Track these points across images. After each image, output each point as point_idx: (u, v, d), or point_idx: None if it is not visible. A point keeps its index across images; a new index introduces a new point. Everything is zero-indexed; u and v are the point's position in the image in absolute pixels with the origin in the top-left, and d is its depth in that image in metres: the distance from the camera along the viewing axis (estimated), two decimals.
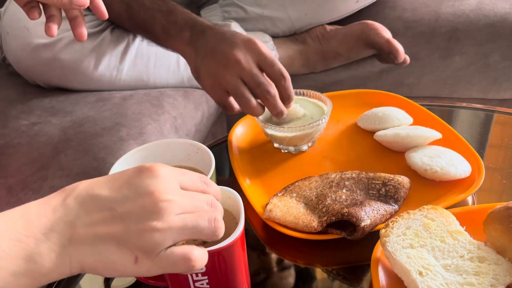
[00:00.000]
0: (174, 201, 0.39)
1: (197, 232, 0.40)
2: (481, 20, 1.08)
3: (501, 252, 0.49)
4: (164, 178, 0.40)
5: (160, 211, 0.38)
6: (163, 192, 0.39)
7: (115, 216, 0.38)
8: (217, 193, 0.45)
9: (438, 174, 0.64)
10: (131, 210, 0.38)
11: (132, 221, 0.38)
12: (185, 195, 0.41)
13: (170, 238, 0.38)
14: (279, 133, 0.73)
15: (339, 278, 0.58)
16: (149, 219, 0.38)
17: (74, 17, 0.65)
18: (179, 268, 0.39)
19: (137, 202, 0.38)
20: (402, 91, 1.17)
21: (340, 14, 1.12)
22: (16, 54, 0.94)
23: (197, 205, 0.41)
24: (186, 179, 0.43)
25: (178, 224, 0.39)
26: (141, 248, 0.38)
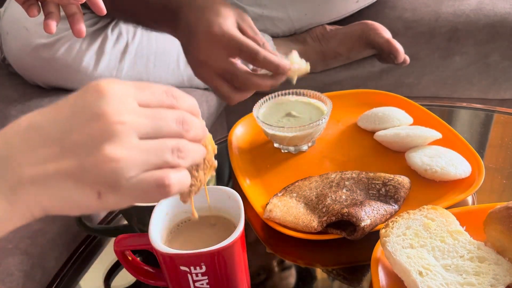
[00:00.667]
0: (129, 123, 0.33)
1: (162, 161, 0.34)
2: (481, 20, 1.08)
3: (501, 252, 0.49)
4: (114, 96, 0.33)
5: (113, 136, 0.32)
6: (114, 114, 0.32)
7: (64, 150, 0.33)
8: (192, 107, 0.38)
9: (438, 174, 0.64)
10: (80, 140, 0.32)
11: (85, 153, 0.32)
12: (145, 114, 0.34)
13: (133, 167, 0.33)
14: (279, 133, 0.73)
15: (339, 278, 0.58)
16: (103, 148, 0.32)
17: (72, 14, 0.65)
18: (153, 196, 0.34)
19: (85, 129, 0.32)
20: (402, 91, 1.17)
21: (340, 14, 1.12)
22: (16, 54, 0.94)
23: (162, 126, 0.34)
24: (146, 94, 0.35)
25: (139, 150, 0.33)
26: (102, 182, 0.33)
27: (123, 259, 0.52)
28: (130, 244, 0.51)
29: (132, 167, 0.33)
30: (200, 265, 0.46)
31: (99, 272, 0.61)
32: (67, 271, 0.61)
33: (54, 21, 0.63)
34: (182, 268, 0.46)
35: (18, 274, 0.61)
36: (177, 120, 0.35)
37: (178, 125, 0.35)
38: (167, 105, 0.36)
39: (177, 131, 0.35)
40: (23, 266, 0.62)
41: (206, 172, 0.40)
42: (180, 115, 0.35)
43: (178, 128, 0.35)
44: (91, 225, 0.62)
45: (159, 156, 0.34)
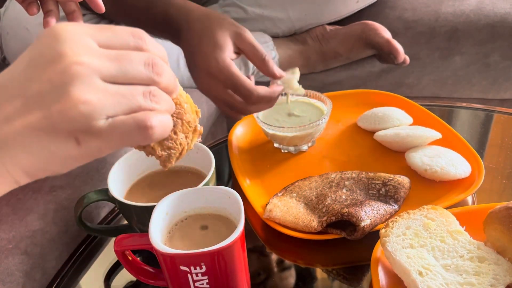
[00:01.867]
0: (89, 63, 0.30)
1: (136, 105, 0.32)
2: (481, 20, 1.08)
3: (501, 252, 0.49)
4: (70, 37, 0.31)
5: (74, 79, 0.30)
6: (72, 55, 0.30)
7: (27, 102, 0.30)
8: (161, 52, 0.34)
9: (438, 174, 0.64)
10: (42, 89, 0.30)
11: (48, 101, 0.30)
12: (107, 55, 0.31)
13: (104, 108, 0.31)
14: (279, 133, 0.73)
15: (339, 278, 0.58)
16: (66, 92, 0.30)
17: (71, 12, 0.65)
18: (135, 139, 0.32)
19: (45, 76, 0.30)
20: (402, 91, 1.17)
21: (340, 14, 1.12)
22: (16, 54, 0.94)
23: (128, 69, 0.32)
24: (107, 35, 0.32)
25: (107, 92, 0.31)
26: (74, 128, 0.30)
27: (123, 259, 0.52)
28: (130, 244, 0.51)
29: (103, 108, 0.30)
30: (200, 265, 0.46)
31: (99, 272, 0.61)
32: (67, 271, 0.61)
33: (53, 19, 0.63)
34: (182, 268, 0.46)
35: (18, 274, 0.61)
36: (146, 62, 0.32)
37: (147, 68, 0.32)
38: (133, 47, 0.33)
39: (147, 74, 0.32)
40: (23, 266, 0.62)
41: (188, 135, 0.38)
42: (149, 57, 0.32)
43: (147, 71, 0.32)
44: (91, 225, 0.62)
45: (131, 100, 0.31)
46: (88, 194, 0.59)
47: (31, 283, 0.62)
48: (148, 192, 0.62)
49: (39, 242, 0.65)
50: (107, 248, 0.65)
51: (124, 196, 0.61)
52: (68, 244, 0.67)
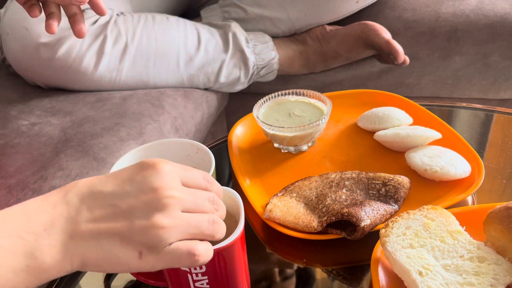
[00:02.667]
0: (177, 198, 0.39)
1: (199, 231, 0.40)
2: (481, 20, 1.08)
3: (501, 252, 0.49)
4: (167, 174, 0.40)
5: (164, 208, 0.38)
6: (166, 189, 0.39)
7: (118, 213, 0.38)
8: (219, 191, 0.45)
9: (438, 174, 0.64)
10: (134, 206, 0.38)
11: (136, 218, 0.38)
12: (188, 192, 0.41)
13: (174, 235, 0.38)
14: (279, 133, 0.73)
15: (339, 278, 0.58)
16: (153, 215, 0.38)
17: (73, 14, 0.65)
18: (184, 263, 0.39)
19: (140, 198, 0.38)
20: (402, 91, 1.17)
21: (340, 14, 1.12)
22: (16, 55, 0.94)
23: (199, 203, 0.41)
24: (189, 176, 0.42)
25: (182, 221, 0.39)
26: (145, 244, 0.38)
27: None
28: None
29: (173, 234, 0.38)
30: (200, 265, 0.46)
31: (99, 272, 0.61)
32: None
33: (55, 22, 0.63)
34: (182, 268, 0.46)
35: None
36: (209, 200, 0.42)
37: (210, 203, 0.42)
38: (203, 187, 0.43)
39: (210, 208, 0.42)
40: None
41: None
42: (211, 196, 0.43)
43: (210, 206, 0.42)
44: None
45: (198, 227, 0.40)
46: None
47: None
48: None
49: None
50: None
51: None
52: None
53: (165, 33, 0.98)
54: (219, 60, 1.02)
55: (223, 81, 1.05)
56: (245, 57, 1.04)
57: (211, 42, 1.02)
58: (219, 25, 1.06)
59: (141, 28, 0.97)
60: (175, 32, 0.99)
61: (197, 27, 1.03)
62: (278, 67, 1.09)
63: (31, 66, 0.94)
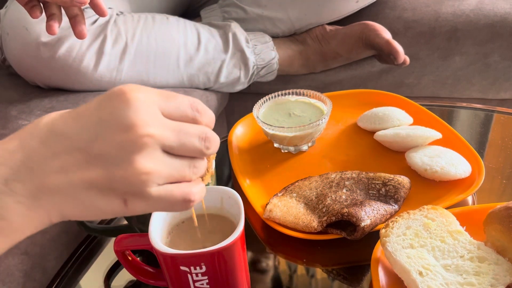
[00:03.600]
0: (157, 136, 0.33)
1: (187, 176, 0.35)
2: (481, 20, 1.08)
3: (501, 252, 0.49)
4: (141, 105, 0.33)
5: (142, 149, 0.32)
6: (143, 125, 0.32)
7: (89, 159, 0.32)
8: (210, 121, 0.38)
9: (438, 174, 0.64)
10: (107, 151, 0.32)
11: (112, 164, 0.32)
12: (171, 127, 0.34)
13: (160, 179, 0.34)
14: (279, 133, 0.73)
15: (339, 278, 0.58)
16: (132, 160, 0.32)
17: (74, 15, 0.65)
18: (177, 208, 0.36)
19: (112, 140, 0.32)
20: (402, 91, 1.17)
21: (340, 14, 1.12)
22: (16, 55, 0.94)
23: (186, 142, 0.35)
24: (171, 105, 0.35)
25: (166, 166, 0.34)
26: (129, 192, 0.33)
27: (123, 259, 0.52)
28: (130, 244, 0.51)
29: (159, 179, 0.33)
30: (200, 265, 0.46)
31: (99, 272, 0.61)
32: (67, 271, 0.61)
33: (56, 23, 0.64)
34: (182, 268, 0.46)
35: (18, 274, 0.61)
36: (200, 136, 0.36)
37: (200, 141, 0.36)
38: (191, 118, 0.36)
39: (199, 148, 0.36)
40: (23, 266, 0.62)
41: (205, 178, 0.40)
42: (203, 131, 0.36)
43: (200, 145, 0.36)
44: (91, 225, 0.62)
45: (181, 173, 0.35)
46: None
47: (31, 283, 0.62)
48: None
49: (39, 242, 0.65)
50: (107, 248, 0.65)
51: None
52: (68, 244, 0.67)
53: (165, 33, 0.98)
54: (219, 60, 1.02)
55: (223, 81, 1.05)
56: (245, 57, 1.04)
57: (211, 42, 1.02)
58: (219, 25, 1.06)
59: (141, 28, 0.97)
60: (175, 32, 0.99)
61: (197, 27, 1.03)
62: (278, 67, 1.09)
63: (31, 66, 0.94)
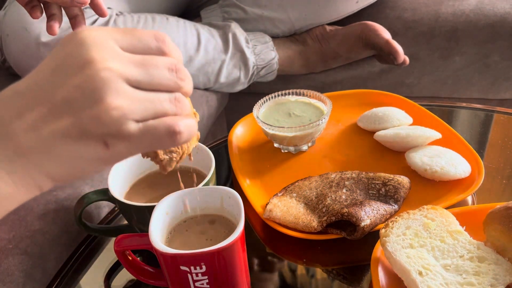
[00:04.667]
0: (117, 69, 0.30)
1: (162, 110, 0.32)
2: (481, 20, 1.08)
3: (501, 252, 0.49)
4: (95, 42, 0.30)
5: (104, 85, 0.30)
6: (100, 61, 0.30)
7: (55, 109, 0.30)
8: (180, 56, 0.35)
9: (438, 174, 0.64)
10: (70, 95, 0.30)
11: (78, 108, 0.30)
12: (133, 60, 0.32)
13: (133, 114, 0.31)
14: (279, 133, 0.73)
15: (339, 278, 0.58)
16: (96, 98, 0.30)
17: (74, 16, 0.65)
18: (165, 143, 0.33)
19: (73, 82, 0.30)
20: (402, 91, 1.17)
21: (340, 14, 1.12)
22: (16, 55, 0.94)
23: (154, 73, 0.32)
24: (131, 39, 0.32)
25: (136, 98, 0.31)
26: (104, 133, 0.31)
27: (123, 259, 0.52)
28: (130, 244, 0.51)
29: (133, 113, 0.31)
30: (200, 265, 0.46)
31: (99, 272, 0.61)
32: (67, 271, 0.61)
33: (57, 23, 0.64)
34: (182, 268, 0.46)
35: (18, 274, 0.61)
36: (170, 68, 0.32)
37: (171, 73, 0.32)
38: (156, 51, 0.33)
39: (172, 80, 0.33)
40: (23, 266, 0.62)
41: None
42: (172, 62, 0.33)
43: (172, 77, 0.32)
44: (91, 225, 0.62)
45: (157, 105, 0.32)
46: (88, 194, 0.59)
47: (31, 283, 0.62)
48: (148, 192, 0.62)
49: (39, 242, 0.65)
50: (107, 248, 0.65)
51: (124, 196, 0.61)
52: (68, 244, 0.67)
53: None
54: (219, 60, 1.02)
55: (223, 81, 1.05)
56: (245, 57, 1.04)
57: (211, 42, 1.02)
58: (219, 25, 1.06)
59: (141, 29, 0.97)
60: (175, 32, 0.99)
61: (197, 28, 1.03)
62: (278, 67, 1.09)
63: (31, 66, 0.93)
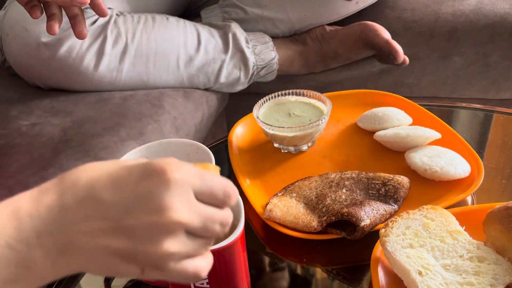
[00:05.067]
0: (185, 223, 0.35)
1: (202, 250, 0.38)
2: (481, 20, 1.08)
3: (500, 252, 0.49)
4: (177, 188, 0.35)
5: (169, 234, 0.35)
6: (174, 210, 0.34)
7: (119, 229, 0.34)
8: (235, 203, 0.41)
9: (437, 174, 0.64)
10: (138, 226, 0.34)
11: (138, 239, 0.34)
12: (199, 213, 0.36)
13: (179, 258, 0.36)
14: (279, 133, 0.73)
15: (339, 278, 0.58)
16: (158, 241, 0.34)
17: (74, 16, 0.65)
18: (189, 280, 0.39)
19: (145, 218, 0.34)
20: (402, 91, 1.17)
21: (340, 15, 1.12)
22: (16, 55, 0.94)
23: (209, 227, 0.37)
24: (205, 189, 0.37)
25: (188, 247, 0.36)
26: (148, 264, 0.35)
27: None
28: None
29: (178, 258, 0.36)
30: None
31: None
32: None
33: (56, 23, 0.64)
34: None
35: None
36: (222, 223, 0.38)
37: (221, 227, 0.38)
38: (220, 202, 0.38)
39: (218, 233, 0.38)
40: None
41: None
42: (225, 218, 0.38)
43: (219, 230, 0.38)
44: None
45: (197, 251, 0.37)
46: None
47: None
48: None
49: None
50: None
51: None
52: None
53: (165, 34, 0.98)
54: (219, 60, 1.03)
55: (223, 81, 1.05)
56: (245, 57, 1.04)
57: (211, 42, 1.02)
58: (219, 25, 1.06)
59: (141, 29, 0.97)
60: (175, 32, 0.99)
61: (197, 28, 1.03)
62: (278, 67, 1.09)
63: (31, 66, 0.94)
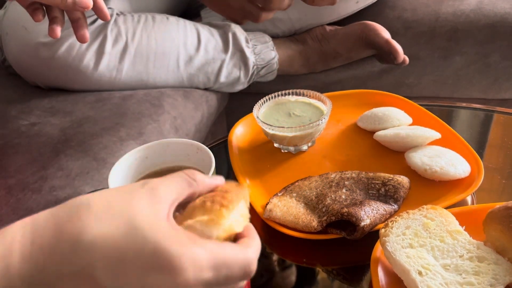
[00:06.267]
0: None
1: None
2: (481, 20, 1.08)
3: (500, 252, 0.49)
4: (187, 280, 0.33)
5: None
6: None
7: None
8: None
9: (437, 174, 0.64)
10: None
11: None
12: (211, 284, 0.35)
13: None
14: (279, 133, 0.73)
15: (339, 278, 0.58)
16: None
17: (76, 19, 0.65)
18: None
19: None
20: (402, 91, 1.17)
21: (340, 14, 1.12)
22: (16, 55, 0.94)
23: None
24: (221, 280, 0.35)
25: None
26: None
27: None
28: None
29: None
30: None
31: None
32: None
33: (58, 26, 0.64)
34: None
35: None
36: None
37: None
38: (237, 279, 0.37)
39: None
40: None
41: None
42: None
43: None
44: None
45: None
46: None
47: None
48: None
49: None
50: None
51: None
52: None
53: (165, 33, 0.98)
54: (219, 60, 1.03)
55: (223, 81, 1.05)
56: (245, 57, 1.04)
57: (211, 42, 1.02)
58: (219, 25, 1.06)
59: (141, 28, 0.97)
60: (175, 32, 0.99)
61: (197, 27, 1.03)
62: (278, 67, 1.09)
63: (31, 65, 0.94)
